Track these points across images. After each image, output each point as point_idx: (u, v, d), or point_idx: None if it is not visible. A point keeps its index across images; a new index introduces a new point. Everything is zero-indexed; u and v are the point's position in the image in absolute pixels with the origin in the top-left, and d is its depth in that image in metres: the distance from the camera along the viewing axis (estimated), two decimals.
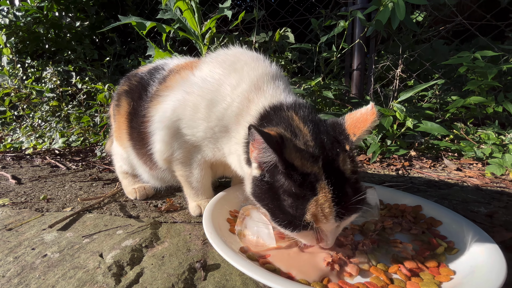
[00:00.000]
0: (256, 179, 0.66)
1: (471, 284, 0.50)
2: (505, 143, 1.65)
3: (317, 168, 0.58)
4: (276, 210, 0.62)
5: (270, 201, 0.63)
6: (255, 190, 0.67)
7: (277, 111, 0.71)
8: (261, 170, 0.64)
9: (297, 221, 0.58)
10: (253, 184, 0.67)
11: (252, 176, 0.68)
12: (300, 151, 0.59)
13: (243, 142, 0.74)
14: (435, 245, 0.68)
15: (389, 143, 1.72)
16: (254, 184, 0.67)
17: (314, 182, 0.57)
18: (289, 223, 0.60)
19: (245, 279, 0.62)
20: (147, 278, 0.63)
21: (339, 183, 0.58)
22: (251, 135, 0.59)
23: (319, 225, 0.59)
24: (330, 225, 0.59)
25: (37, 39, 3.07)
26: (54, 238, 0.80)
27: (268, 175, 0.63)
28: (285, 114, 0.69)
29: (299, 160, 0.58)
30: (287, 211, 0.60)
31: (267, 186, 0.63)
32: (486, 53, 1.77)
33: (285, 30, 2.16)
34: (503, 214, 0.92)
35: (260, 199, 0.66)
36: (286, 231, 0.63)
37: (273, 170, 0.61)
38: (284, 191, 0.60)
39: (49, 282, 0.61)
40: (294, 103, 0.73)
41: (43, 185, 1.36)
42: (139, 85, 1.04)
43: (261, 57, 0.85)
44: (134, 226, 0.87)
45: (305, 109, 0.71)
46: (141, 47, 3.28)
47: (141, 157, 1.04)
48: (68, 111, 2.77)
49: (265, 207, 0.65)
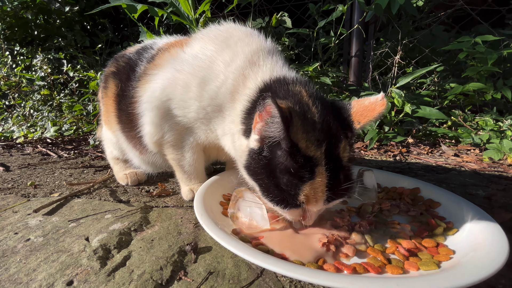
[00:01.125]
0: (253, 152, 0.62)
1: (472, 263, 0.48)
2: (503, 129, 1.63)
3: (319, 153, 0.56)
4: (270, 186, 0.60)
5: (265, 177, 0.60)
6: (250, 163, 0.63)
7: (282, 85, 0.66)
8: (261, 144, 0.60)
9: (290, 200, 0.58)
10: (249, 157, 0.64)
11: (249, 148, 0.64)
12: (307, 133, 0.56)
13: (240, 116, 0.70)
14: (433, 226, 0.65)
15: (387, 129, 1.69)
16: (249, 157, 0.63)
17: (313, 166, 0.56)
18: (282, 200, 0.59)
19: (237, 261, 0.60)
20: (135, 261, 0.60)
21: (335, 169, 0.58)
22: (261, 105, 0.55)
23: (308, 206, 0.59)
24: (318, 207, 0.60)
25: (26, 25, 2.96)
26: (39, 222, 0.77)
27: (267, 150, 0.59)
28: (293, 88, 0.65)
29: (304, 142, 0.55)
30: (281, 188, 0.58)
31: (264, 161, 0.60)
32: (487, 38, 1.73)
33: (282, 14, 2.10)
34: (501, 196, 0.90)
35: (253, 173, 0.63)
36: (276, 207, 0.62)
37: (274, 146, 0.58)
38: (282, 170, 0.57)
39: (30, 266, 0.58)
40: (300, 78, 0.69)
41: (32, 172, 1.32)
42: (127, 66, 0.99)
43: (255, 32, 0.81)
44: (123, 211, 0.84)
45: (312, 85, 0.68)
46: (134, 33, 3.19)
47: (130, 140, 1.00)
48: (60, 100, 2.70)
49: (257, 181, 0.63)
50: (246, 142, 0.66)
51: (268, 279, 0.55)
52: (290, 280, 0.54)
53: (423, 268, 0.51)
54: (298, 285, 0.53)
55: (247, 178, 0.67)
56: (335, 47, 2.20)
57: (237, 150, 0.72)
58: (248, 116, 0.67)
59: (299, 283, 0.54)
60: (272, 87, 0.67)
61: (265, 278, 0.55)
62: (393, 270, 0.51)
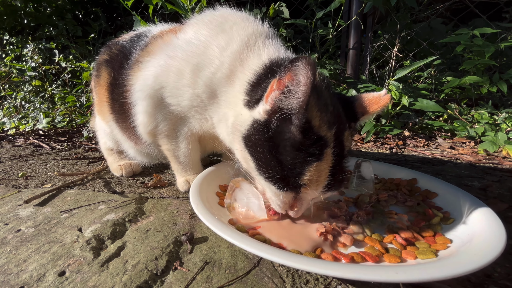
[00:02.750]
0: (258, 123, 0.58)
1: (470, 252, 0.48)
2: (497, 122, 1.64)
3: (330, 135, 0.55)
4: (271, 162, 0.56)
5: (266, 151, 0.56)
6: (252, 134, 0.59)
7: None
8: (270, 116, 0.56)
9: (292, 180, 0.55)
10: (252, 127, 0.59)
11: (253, 118, 0.59)
12: (321, 111, 0.54)
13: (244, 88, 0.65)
14: (430, 216, 0.65)
15: (384, 122, 1.69)
16: (253, 128, 0.59)
17: (323, 147, 0.54)
18: (281, 179, 0.56)
19: (234, 251, 0.59)
20: (129, 252, 0.59)
21: (339, 156, 0.57)
22: (286, 69, 0.50)
23: (308, 190, 0.56)
24: (314, 193, 0.58)
25: (15, 14, 2.87)
26: (30, 213, 0.75)
27: (276, 123, 0.55)
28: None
29: (318, 120, 0.54)
30: (284, 166, 0.55)
31: (270, 134, 0.56)
32: (485, 30, 1.72)
33: (279, 5, 2.06)
34: (496, 187, 0.90)
35: (253, 145, 0.59)
36: (272, 186, 0.58)
37: (284, 120, 0.54)
38: (290, 146, 0.54)
39: (20, 257, 0.57)
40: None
41: (23, 163, 1.29)
42: (120, 54, 0.96)
43: (251, 17, 0.78)
44: (117, 201, 0.82)
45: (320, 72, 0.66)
46: (128, 23, 3.11)
47: (125, 131, 0.98)
48: (53, 91, 2.64)
49: (255, 155, 0.59)
50: (248, 112, 0.61)
51: (265, 268, 0.54)
52: (287, 270, 0.54)
53: (421, 257, 0.51)
54: (295, 275, 0.53)
55: (242, 151, 0.62)
56: (333, 39, 2.18)
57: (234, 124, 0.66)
58: (253, 88, 0.63)
59: (296, 273, 0.53)
60: (275, 71, 0.63)
61: (262, 267, 0.54)
62: (391, 259, 0.51)
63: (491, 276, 0.52)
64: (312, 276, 0.52)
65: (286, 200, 0.60)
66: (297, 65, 0.48)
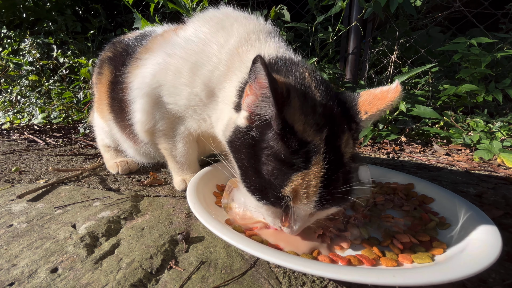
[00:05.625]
0: (239, 130, 0.54)
1: (466, 257, 0.48)
2: (492, 130, 1.66)
3: (319, 139, 0.49)
4: (250, 170, 0.52)
5: (247, 159, 0.52)
6: (233, 140, 0.56)
7: (286, 64, 0.60)
8: (250, 122, 0.53)
9: (271, 191, 0.49)
10: (234, 134, 0.56)
11: (235, 124, 0.56)
12: (306, 115, 0.49)
13: (236, 89, 0.63)
14: (427, 220, 0.66)
15: (381, 127, 1.70)
16: (234, 134, 0.56)
17: (310, 154, 0.48)
18: (260, 190, 0.51)
19: (230, 251, 0.59)
20: (124, 250, 0.58)
21: (335, 164, 0.49)
22: (253, 73, 0.47)
23: (296, 203, 0.49)
24: (307, 208, 0.50)
25: (13, 7, 2.84)
26: (23, 208, 0.74)
27: (256, 130, 0.52)
28: (295, 68, 0.58)
29: (301, 124, 0.48)
30: (263, 176, 0.50)
31: (250, 141, 0.52)
32: (482, 40, 1.75)
33: (281, 7, 2.07)
34: (491, 194, 0.91)
35: (235, 151, 0.56)
36: (251, 196, 0.53)
37: (264, 126, 0.51)
38: (270, 154, 0.49)
39: (12, 252, 0.56)
40: (305, 61, 0.65)
41: (17, 158, 1.27)
42: (124, 52, 0.95)
43: (253, 16, 0.78)
44: (113, 199, 0.81)
45: (316, 70, 0.62)
46: (128, 21, 3.10)
47: (123, 130, 0.97)
48: (49, 87, 2.61)
49: (238, 162, 0.56)
50: (234, 116, 0.59)
51: (262, 269, 0.54)
52: (284, 271, 0.53)
53: (417, 261, 0.51)
54: (292, 276, 0.52)
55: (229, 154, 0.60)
56: (332, 43, 2.19)
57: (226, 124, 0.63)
58: (242, 89, 0.61)
59: (293, 274, 0.53)
60: (277, 63, 0.61)
61: (258, 268, 0.54)
62: (387, 262, 0.51)
63: (486, 282, 0.52)
64: (309, 278, 0.52)
65: (270, 214, 0.55)
66: (257, 68, 0.45)
